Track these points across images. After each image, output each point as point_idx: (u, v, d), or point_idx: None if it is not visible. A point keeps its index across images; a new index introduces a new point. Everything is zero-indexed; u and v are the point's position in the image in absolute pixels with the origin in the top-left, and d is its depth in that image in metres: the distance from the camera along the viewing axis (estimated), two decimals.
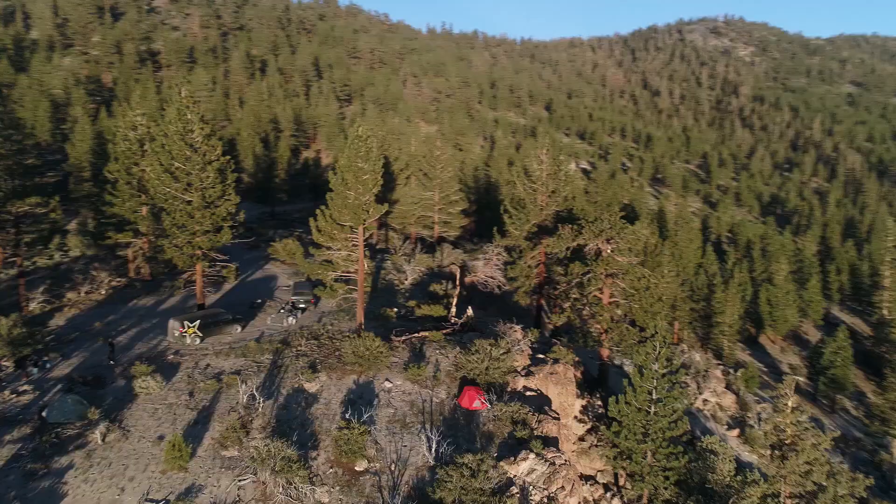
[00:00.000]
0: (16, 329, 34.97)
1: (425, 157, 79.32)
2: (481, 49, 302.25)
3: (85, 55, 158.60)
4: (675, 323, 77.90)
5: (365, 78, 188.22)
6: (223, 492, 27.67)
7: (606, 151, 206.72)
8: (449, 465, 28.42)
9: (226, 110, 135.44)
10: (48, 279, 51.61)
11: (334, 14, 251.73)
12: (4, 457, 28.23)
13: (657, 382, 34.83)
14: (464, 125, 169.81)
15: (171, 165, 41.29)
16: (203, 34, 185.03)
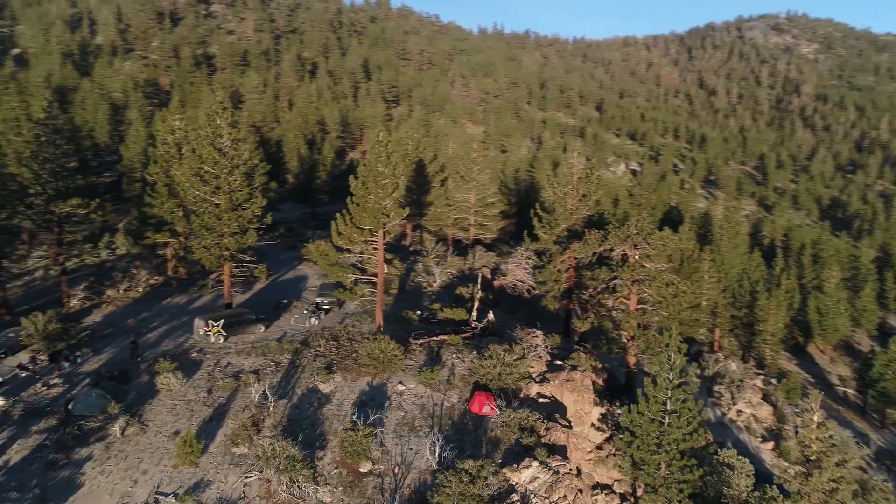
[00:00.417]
0: (51, 325, 36.85)
1: (462, 159, 79.51)
2: (532, 49, 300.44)
3: (144, 59, 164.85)
4: (716, 330, 76.07)
5: (413, 79, 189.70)
6: (230, 488, 28.59)
7: (657, 152, 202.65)
8: (449, 470, 28.63)
9: (275, 112, 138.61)
10: (92, 276, 54.14)
11: (385, 16, 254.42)
12: (30, 446, 29.85)
13: (671, 393, 34.22)
14: (510, 126, 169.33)
15: (201, 169, 42.73)
16: (257, 37, 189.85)
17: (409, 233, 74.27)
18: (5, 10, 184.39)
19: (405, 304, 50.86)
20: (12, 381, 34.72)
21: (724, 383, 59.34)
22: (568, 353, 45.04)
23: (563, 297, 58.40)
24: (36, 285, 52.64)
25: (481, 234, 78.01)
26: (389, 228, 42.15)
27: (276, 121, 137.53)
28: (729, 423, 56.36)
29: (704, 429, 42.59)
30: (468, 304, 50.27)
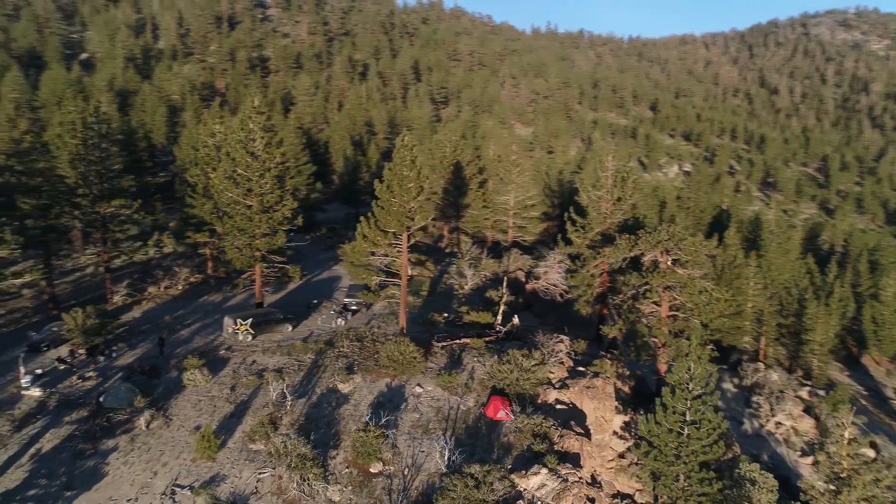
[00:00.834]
0: (89, 320, 38.75)
1: (501, 161, 79.40)
2: (586, 48, 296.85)
3: (202, 62, 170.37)
4: (762, 339, 73.85)
5: (463, 80, 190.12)
6: (244, 483, 29.54)
7: (713, 153, 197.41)
8: (455, 474, 28.86)
9: (324, 114, 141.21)
10: (137, 274, 56.51)
11: (437, 17, 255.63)
12: (61, 436, 31.52)
13: (690, 403, 33.55)
14: (559, 127, 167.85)
15: (234, 172, 44.11)
16: (310, 40, 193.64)
17: (447, 235, 74.68)
18: (76, 17, 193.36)
19: (434, 306, 51.27)
20: (51, 373, 36.67)
21: (763, 394, 57.64)
22: (594, 358, 44.63)
23: (597, 302, 57.84)
24: (86, 282, 55.26)
25: (520, 237, 77.75)
26: (414, 232, 42.53)
27: (325, 122, 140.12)
28: (766, 435, 54.73)
29: (730, 440, 41.68)
30: (495, 308, 50.32)
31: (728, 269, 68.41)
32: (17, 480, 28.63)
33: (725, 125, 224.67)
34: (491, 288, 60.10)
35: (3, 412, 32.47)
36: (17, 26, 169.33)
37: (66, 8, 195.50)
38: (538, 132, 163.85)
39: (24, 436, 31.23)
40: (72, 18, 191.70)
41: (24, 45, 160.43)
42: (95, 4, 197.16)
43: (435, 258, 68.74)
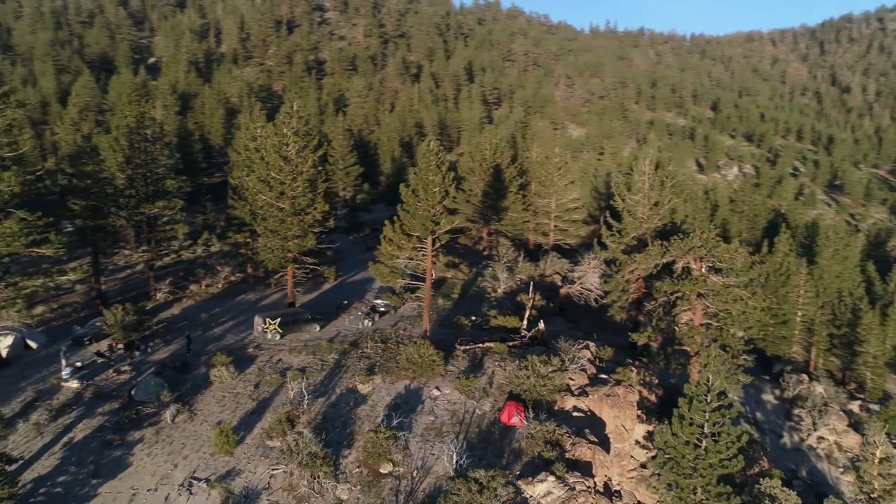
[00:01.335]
0: (128, 317, 40.74)
1: (543, 163, 79.01)
2: (646, 47, 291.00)
3: (261, 66, 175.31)
4: (812, 349, 71.25)
5: (516, 81, 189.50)
6: (257, 478, 30.64)
7: (776, 155, 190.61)
8: (460, 478, 29.17)
9: (376, 115, 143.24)
10: (182, 272, 58.92)
11: (494, 18, 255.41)
12: (93, 426, 33.36)
13: (709, 416, 32.88)
14: (613, 128, 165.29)
15: (268, 175, 45.55)
16: (365, 42, 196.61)
17: (486, 237, 74.82)
18: (145, 22, 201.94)
19: (463, 309, 51.57)
20: (90, 366, 38.77)
21: (805, 407, 55.69)
22: (621, 366, 44.04)
23: (632, 308, 57.00)
24: (134, 279, 57.94)
25: (561, 240, 77.24)
26: (440, 235, 42.91)
27: (377, 124, 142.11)
28: (807, 449, 52.94)
29: (756, 454, 40.54)
30: (523, 312, 50.22)
31: (774, 276, 66.21)
32: (49, 467, 30.52)
33: (791, 125, 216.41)
34: (525, 292, 60.03)
35: (43, 402, 34.59)
36: (90, 33, 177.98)
37: (137, 14, 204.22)
38: (591, 133, 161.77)
39: (60, 425, 33.20)
40: (141, 24, 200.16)
41: (96, 51, 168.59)
42: (163, 10, 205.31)
43: (472, 260, 69.03)
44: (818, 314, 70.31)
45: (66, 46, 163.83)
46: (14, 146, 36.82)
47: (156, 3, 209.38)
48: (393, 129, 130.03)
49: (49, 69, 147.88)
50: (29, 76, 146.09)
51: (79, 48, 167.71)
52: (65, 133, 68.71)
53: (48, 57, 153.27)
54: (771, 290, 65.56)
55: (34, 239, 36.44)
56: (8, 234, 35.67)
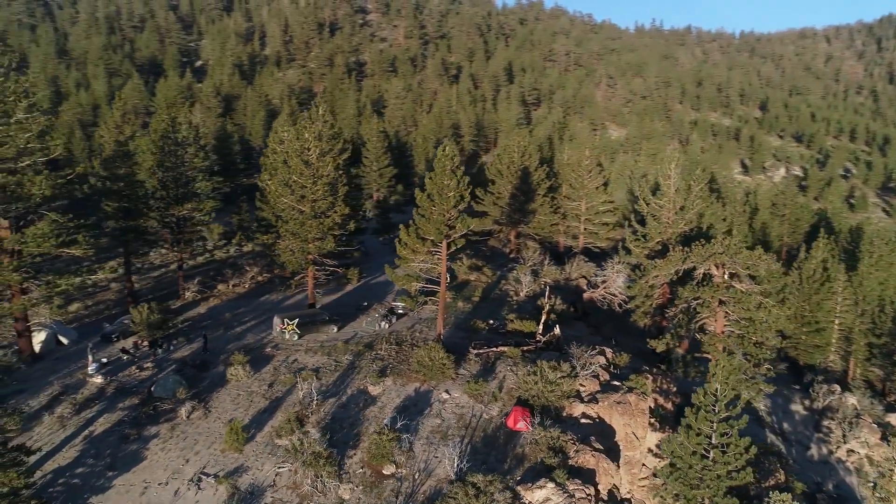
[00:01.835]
0: (153, 315, 42.27)
1: (572, 165, 78.56)
2: (692, 45, 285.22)
3: (303, 67, 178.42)
4: (850, 359, 69.16)
5: (557, 81, 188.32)
6: (264, 475, 31.53)
7: (826, 155, 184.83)
8: (458, 482, 29.49)
9: (414, 116, 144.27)
10: (213, 271, 60.69)
11: (536, 18, 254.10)
12: (113, 420, 34.80)
13: (716, 426, 32.46)
14: (653, 129, 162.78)
15: (290, 178, 46.63)
16: (406, 44, 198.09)
17: (513, 240, 74.75)
18: (194, 27, 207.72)
19: (482, 313, 51.78)
20: (115, 362, 40.37)
21: (835, 418, 54.05)
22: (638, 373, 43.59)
23: (656, 314, 56.33)
24: (167, 278, 59.92)
25: (591, 243, 76.66)
26: (455, 240, 43.19)
27: (414, 125, 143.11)
28: (836, 462, 51.42)
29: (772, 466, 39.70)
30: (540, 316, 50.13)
31: (807, 282, 64.41)
32: (70, 458, 32.00)
33: (844, 125, 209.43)
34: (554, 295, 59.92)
35: (69, 396, 36.22)
36: (141, 37, 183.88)
37: (186, 18, 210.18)
38: (631, 134, 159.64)
39: (82, 418, 34.73)
40: (190, 28, 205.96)
41: (146, 55, 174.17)
42: (211, 14, 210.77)
43: (498, 263, 69.12)
44: (857, 322, 68.05)
45: (117, 50, 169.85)
46: (45, 151, 38.63)
47: (204, 8, 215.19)
48: (429, 130, 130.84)
49: (101, 73, 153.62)
50: (82, 79, 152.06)
51: (130, 52, 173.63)
52: (108, 136, 71.17)
53: (100, 61, 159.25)
54: (804, 296, 63.83)
55: (63, 240, 38.09)
56: (39, 234, 37.45)
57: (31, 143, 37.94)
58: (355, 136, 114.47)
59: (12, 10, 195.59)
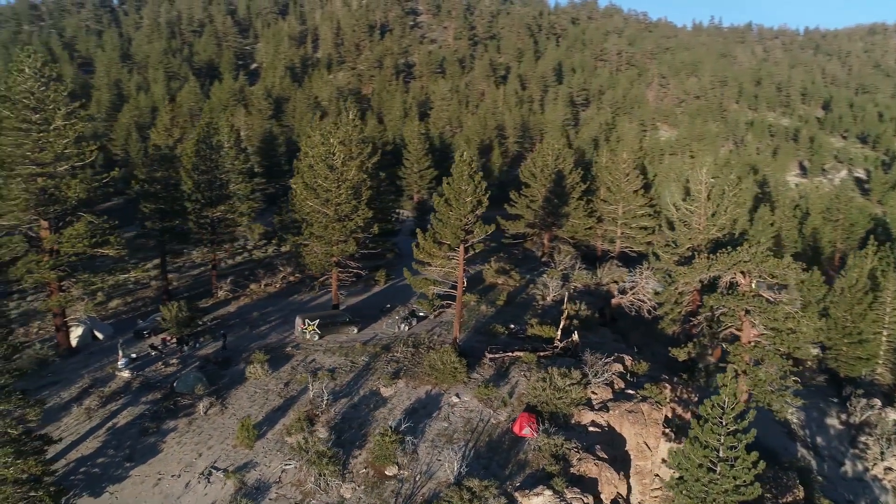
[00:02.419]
0: (181, 313, 44.05)
1: (610, 168, 77.64)
2: (753, 43, 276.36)
3: (353, 70, 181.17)
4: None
5: (607, 81, 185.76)
6: (270, 472, 32.60)
7: (893, 157, 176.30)
8: (454, 486, 29.86)
9: (459, 118, 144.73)
10: (248, 271, 62.65)
11: (588, 16, 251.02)
12: (136, 413, 36.52)
13: (724, 439, 31.86)
14: (706, 130, 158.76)
15: (315, 182, 47.83)
16: (455, 45, 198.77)
17: (546, 243, 74.39)
18: (250, 30, 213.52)
19: (505, 317, 51.89)
20: (144, 358, 42.30)
21: (873, 434, 51.99)
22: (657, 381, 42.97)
23: (686, 322, 55.35)
24: (205, 276, 62.12)
25: (628, 248, 75.67)
26: (474, 244, 43.46)
27: (459, 126, 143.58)
28: (871, 480, 49.59)
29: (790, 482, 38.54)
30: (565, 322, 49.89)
31: (849, 291, 61.90)
32: (92, 448, 33.80)
33: None
34: (579, 300, 59.53)
35: (97, 389, 38.18)
36: (199, 41, 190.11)
37: (243, 22, 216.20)
38: (682, 135, 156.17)
39: (107, 411, 36.59)
40: (247, 32, 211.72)
41: (203, 58, 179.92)
42: (267, 18, 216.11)
43: (529, 267, 69.01)
44: None
45: (177, 55, 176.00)
46: (81, 156, 40.80)
47: (260, 12, 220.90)
48: (474, 131, 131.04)
49: (160, 76, 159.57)
50: (143, 83, 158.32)
51: (188, 56, 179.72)
52: (157, 138, 74.34)
53: (160, 64, 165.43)
54: (846, 306, 61.41)
55: (97, 241, 40.16)
56: (74, 235, 39.60)
57: (67, 149, 40.13)
58: (397, 138, 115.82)
59: (81, 17, 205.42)
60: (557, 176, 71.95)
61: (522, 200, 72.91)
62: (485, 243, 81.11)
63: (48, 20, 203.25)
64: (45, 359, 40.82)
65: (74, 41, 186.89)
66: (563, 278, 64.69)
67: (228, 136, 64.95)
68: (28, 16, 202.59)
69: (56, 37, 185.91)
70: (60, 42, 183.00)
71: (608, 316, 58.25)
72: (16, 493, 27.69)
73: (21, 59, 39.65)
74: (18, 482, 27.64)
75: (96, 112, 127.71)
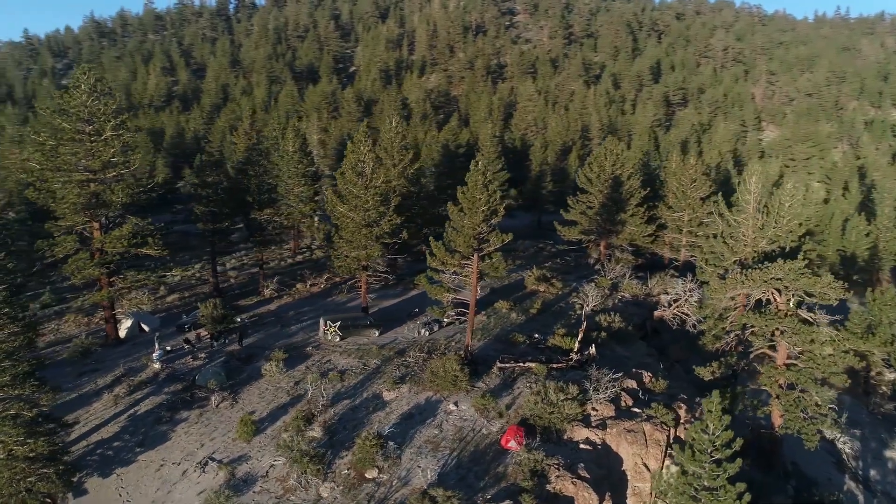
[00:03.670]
0: (217, 310, 47.09)
1: (676, 174, 74.66)
2: (883, 34, 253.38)
3: (445, 71, 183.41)
4: None
5: (709, 79, 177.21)
6: (260, 466, 34.45)
7: None
8: (419, 494, 30.35)
9: (544, 119, 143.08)
10: (301, 271, 65.60)
11: (696, 11, 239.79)
12: (157, 403, 39.57)
13: (707, 467, 30.46)
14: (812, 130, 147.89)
15: (345, 189, 49.56)
16: (549, 44, 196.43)
17: (602, 250, 72.52)
18: (352, 34, 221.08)
19: (535, 325, 51.44)
20: (177, 351, 45.59)
21: None
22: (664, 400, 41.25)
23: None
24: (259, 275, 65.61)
25: (693, 257, 72.49)
26: (491, 253, 43.43)
27: (544, 128, 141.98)
28: None
29: None
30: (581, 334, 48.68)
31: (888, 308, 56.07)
32: (111, 433, 37.06)
33: None
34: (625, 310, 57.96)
35: (128, 378, 41.67)
36: (302, 46, 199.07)
37: (345, 26, 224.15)
38: (787, 136, 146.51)
39: (132, 399, 39.89)
40: (348, 36, 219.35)
41: (305, 62, 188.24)
42: (368, 22, 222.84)
43: (580, 274, 67.75)
44: None
45: (279, 59, 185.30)
46: (127, 164, 44.60)
47: (362, 16, 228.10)
48: (556, 133, 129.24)
49: (263, 80, 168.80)
50: (248, 87, 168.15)
51: (291, 60, 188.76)
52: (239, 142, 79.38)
53: (263, 69, 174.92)
54: None
55: (136, 242, 43.80)
56: (117, 236, 43.40)
57: (114, 157, 43.96)
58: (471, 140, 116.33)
59: (199, 25, 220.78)
60: (615, 181, 70.02)
61: (578, 206, 71.57)
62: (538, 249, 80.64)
63: (170, 29, 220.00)
64: (87, 348, 44.97)
65: (191, 48, 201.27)
66: (612, 287, 63.10)
67: (293, 141, 68.33)
68: (153, 25, 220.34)
69: (175, 45, 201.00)
70: (179, 49, 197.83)
71: (649, 328, 56.27)
72: (27, 469, 31.04)
73: (77, 76, 43.82)
74: (29, 459, 30.96)
75: (199, 115, 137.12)
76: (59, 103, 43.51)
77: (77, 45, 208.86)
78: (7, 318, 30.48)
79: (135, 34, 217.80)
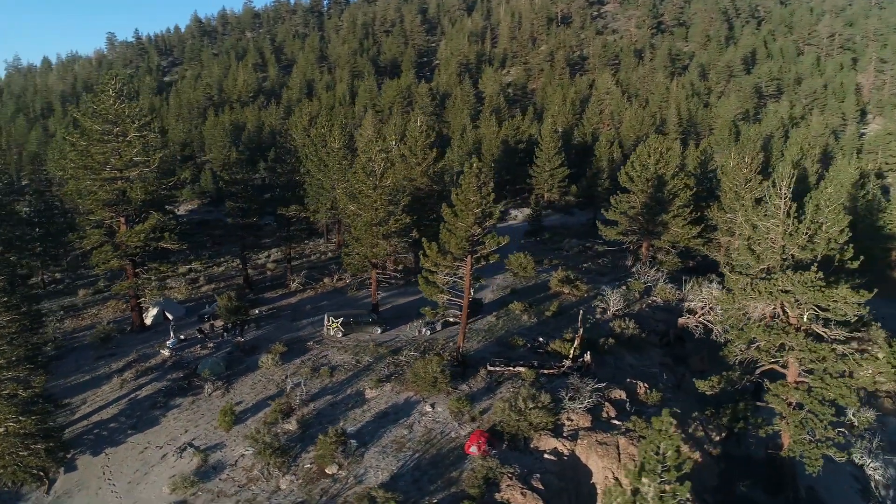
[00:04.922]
0: (233, 302, 49.41)
1: (731, 174, 70.61)
2: None
3: (525, 64, 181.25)
4: None
5: (809, 69, 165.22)
6: (232, 455, 35.99)
7: None
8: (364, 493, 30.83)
9: (620, 112, 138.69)
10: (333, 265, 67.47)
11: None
12: (157, 388, 42.16)
13: (654, 488, 29.13)
14: None
15: (355, 189, 50.52)
16: (636, 35, 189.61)
17: (644, 251, 69.69)
18: (437, 28, 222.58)
19: (547, 328, 50.48)
20: (189, 340, 48.23)
21: None
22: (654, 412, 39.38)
23: None
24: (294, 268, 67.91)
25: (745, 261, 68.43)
26: (486, 255, 43.04)
27: (619, 122, 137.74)
28: None
29: None
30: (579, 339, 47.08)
31: None
32: (110, 415, 39.89)
33: None
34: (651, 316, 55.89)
35: (138, 363, 44.61)
36: (387, 40, 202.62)
37: (432, 20, 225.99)
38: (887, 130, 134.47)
39: (137, 383, 42.70)
40: (434, 30, 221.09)
41: (388, 57, 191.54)
42: (454, 16, 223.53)
43: (614, 276, 65.61)
44: None
45: (364, 54, 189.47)
46: (147, 163, 47.54)
47: (449, 9, 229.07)
48: (629, 127, 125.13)
49: (346, 75, 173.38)
50: (331, 82, 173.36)
51: (375, 55, 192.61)
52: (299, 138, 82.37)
53: (347, 64, 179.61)
54: None
55: (153, 236, 46.67)
56: (136, 230, 46.44)
57: (136, 157, 46.98)
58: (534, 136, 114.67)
59: (292, 22, 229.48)
60: (658, 181, 67.11)
61: (621, 205, 69.16)
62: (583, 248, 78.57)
63: (265, 26, 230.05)
64: (108, 334, 48.45)
65: (283, 45, 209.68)
66: (644, 292, 60.79)
67: (339, 137, 70.14)
68: (250, 23, 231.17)
69: (268, 42, 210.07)
70: (271, 46, 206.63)
71: (672, 336, 53.78)
72: (20, 445, 34.11)
73: (105, 80, 47.14)
74: (20, 436, 34.00)
75: (276, 111, 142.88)
76: (90, 106, 46.91)
77: (181, 44, 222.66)
78: (4, 306, 33.56)
79: (233, 32, 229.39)
